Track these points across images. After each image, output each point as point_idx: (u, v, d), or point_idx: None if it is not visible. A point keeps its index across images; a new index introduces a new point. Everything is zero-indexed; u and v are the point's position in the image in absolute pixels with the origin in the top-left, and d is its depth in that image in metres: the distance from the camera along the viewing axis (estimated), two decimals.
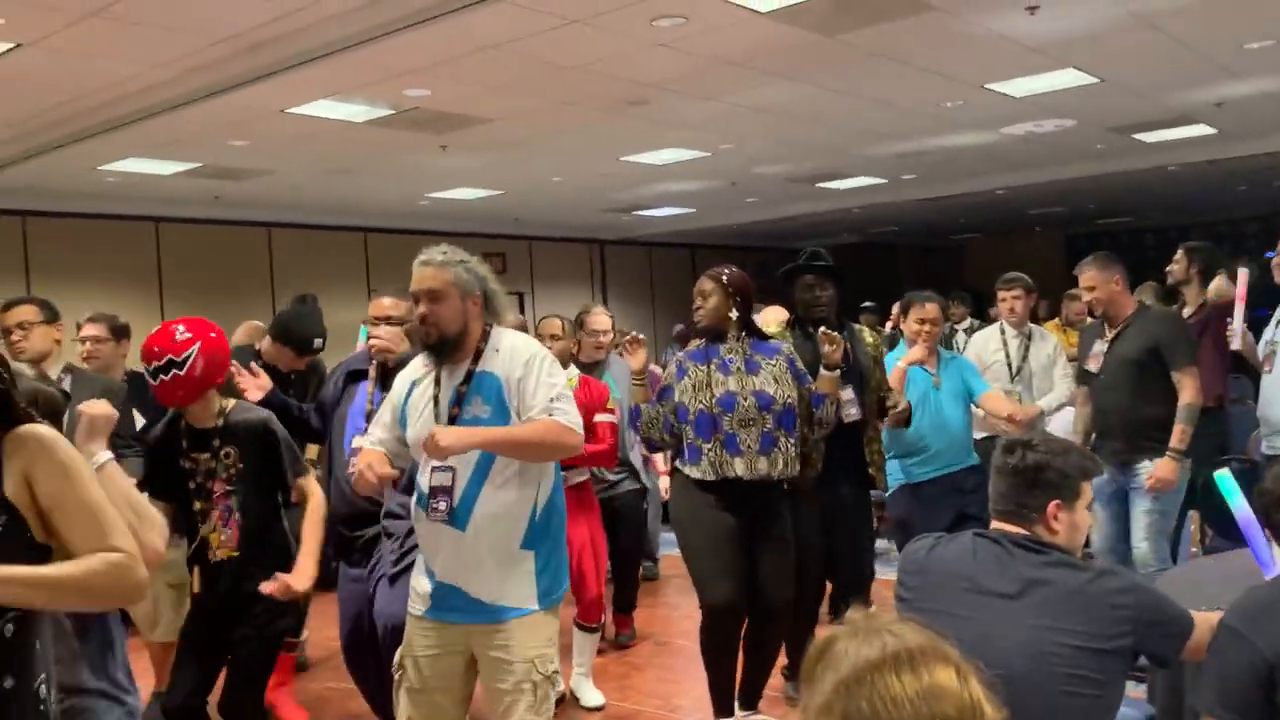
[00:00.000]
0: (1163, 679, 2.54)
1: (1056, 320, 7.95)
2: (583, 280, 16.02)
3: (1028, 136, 9.68)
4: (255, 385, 3.67)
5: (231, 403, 3.24)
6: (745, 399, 3.64)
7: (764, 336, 3.89)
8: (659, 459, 5.79)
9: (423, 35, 5.48)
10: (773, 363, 3.74)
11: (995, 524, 2.28)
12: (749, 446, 3.61)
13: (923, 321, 4.57)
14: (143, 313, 9.54)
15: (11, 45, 5.56)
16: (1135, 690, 2.37)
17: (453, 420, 2.73)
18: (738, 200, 12.97)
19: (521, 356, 2.73)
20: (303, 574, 3.02)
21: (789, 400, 3.69)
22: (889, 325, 6.64)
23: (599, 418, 4.36)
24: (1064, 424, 5.45)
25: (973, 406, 4.65)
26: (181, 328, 3.10)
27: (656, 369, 5.67)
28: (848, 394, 3.95)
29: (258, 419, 3.22)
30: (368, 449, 2.79)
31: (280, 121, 7.45)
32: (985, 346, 5.61)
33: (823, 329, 3.85)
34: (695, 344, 3.85)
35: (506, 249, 14.59)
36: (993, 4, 5.85)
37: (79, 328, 4.64)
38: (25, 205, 9.93)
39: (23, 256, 10.19)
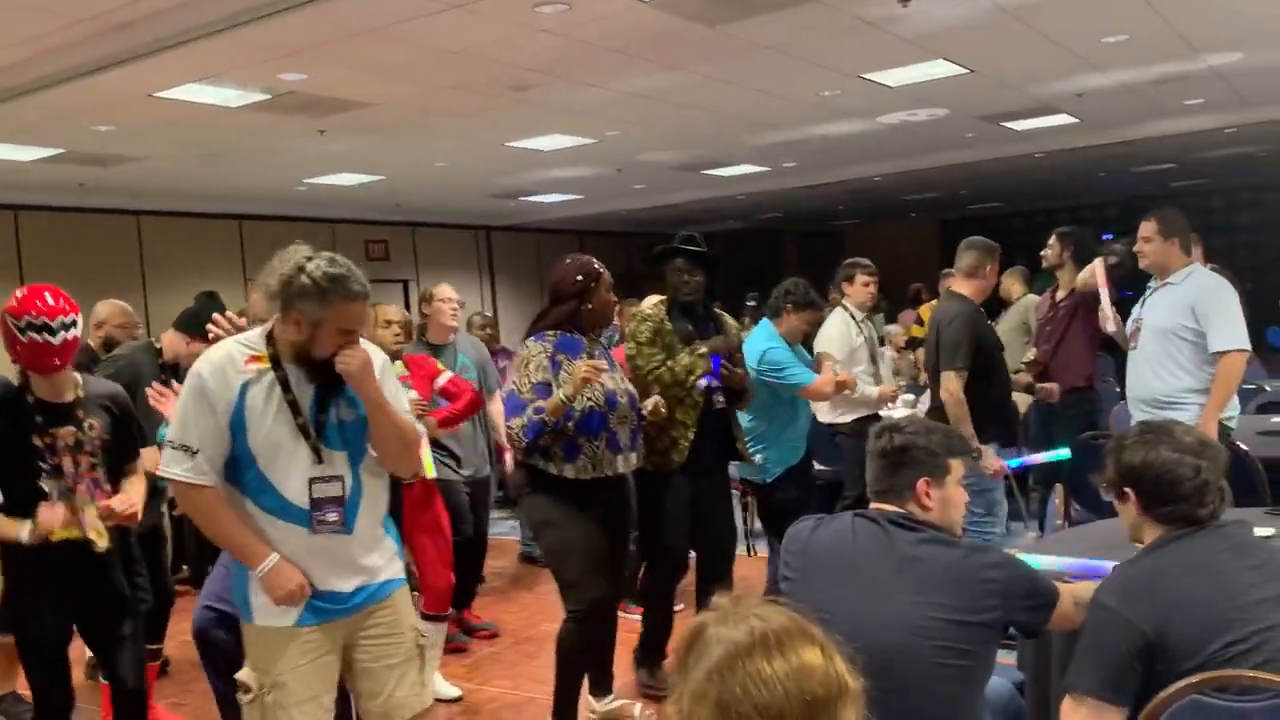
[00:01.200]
0: (1031, 647, 2.67)
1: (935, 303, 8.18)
2: (469, 267, 15.85)
3: (903, 125, 9.96)
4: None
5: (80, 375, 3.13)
6: (622, 396, 3.69)
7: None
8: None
9: (299, 18, 5.34)
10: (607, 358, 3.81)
11: (874, 505, 2.37)
12: (626, 443, 3.67)
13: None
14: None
15: None
16: (1005, 658, 2.49)
17: (320, 426, 2.55)
18: (625, 187, 13.00)
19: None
20: (127, 499, 3.03)
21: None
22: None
23: (441, 379, 4.49)
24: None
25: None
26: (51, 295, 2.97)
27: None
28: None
29: (114, 389, 3.18)
30: (282, 565, 2.50)
31: (149, 105, 7.15)
32: (845, 331, 5.62)
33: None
34: (552, 334, 3.69)
35: (388, 236, 14.35)
36: None
37: None
38: None
39: None
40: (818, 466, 5.38)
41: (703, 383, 3.98)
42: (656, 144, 10.24)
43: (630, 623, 4.36)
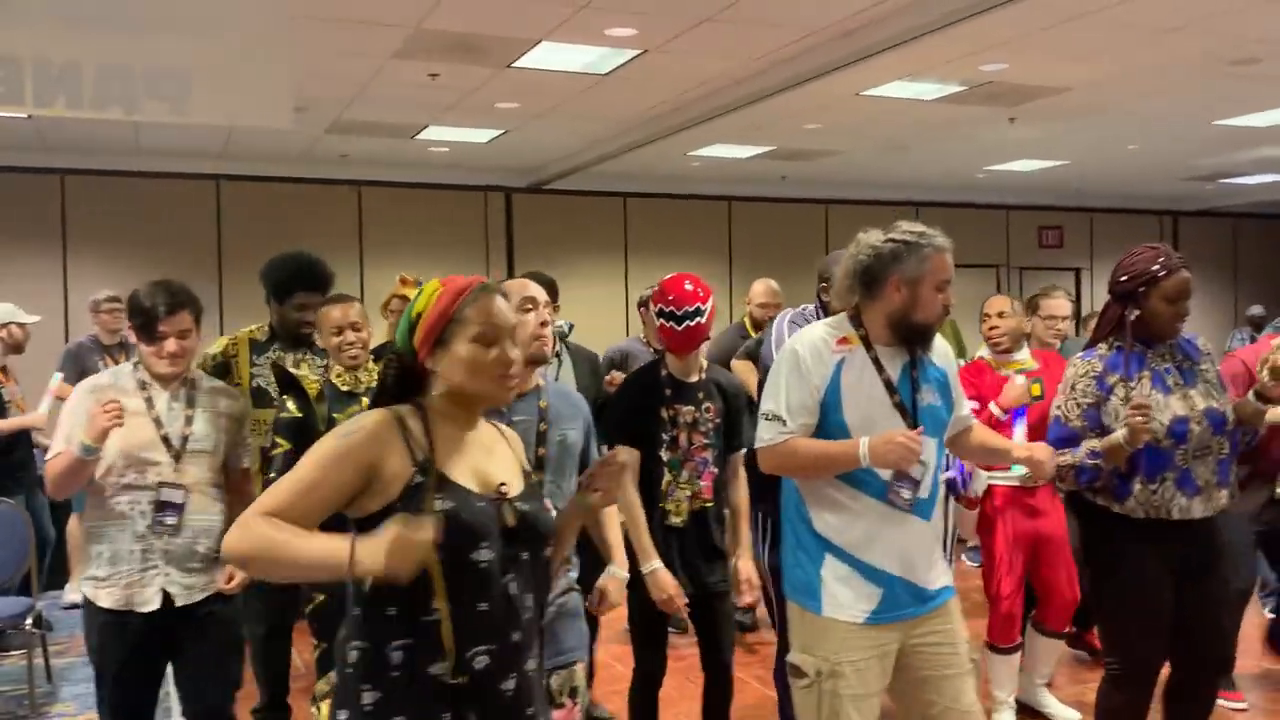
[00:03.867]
0: None
1: None
2: None
3: None
4: None
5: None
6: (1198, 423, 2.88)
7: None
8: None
9: (1010, 11, 5.39)
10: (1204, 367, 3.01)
11: None
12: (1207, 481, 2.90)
13: None
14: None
15: (638, 52, 6.42)
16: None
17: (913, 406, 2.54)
18: None
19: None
20: None
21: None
22: None
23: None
24: None
25: None
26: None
27: None
28: None
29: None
30: (882, 433, 2.40)
31: (855, 104, 7.76)
32: None
33: None
34: (1104, 348, 3.00)
35: (1063, 222, 13.82)
36: None
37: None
38: (624, 188, 11.41)
39: (622, 232, 11.72)
40: None
41: None
42: None
43: None
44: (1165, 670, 3.00)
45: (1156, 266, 2.86)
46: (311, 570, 1.70)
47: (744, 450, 3.19)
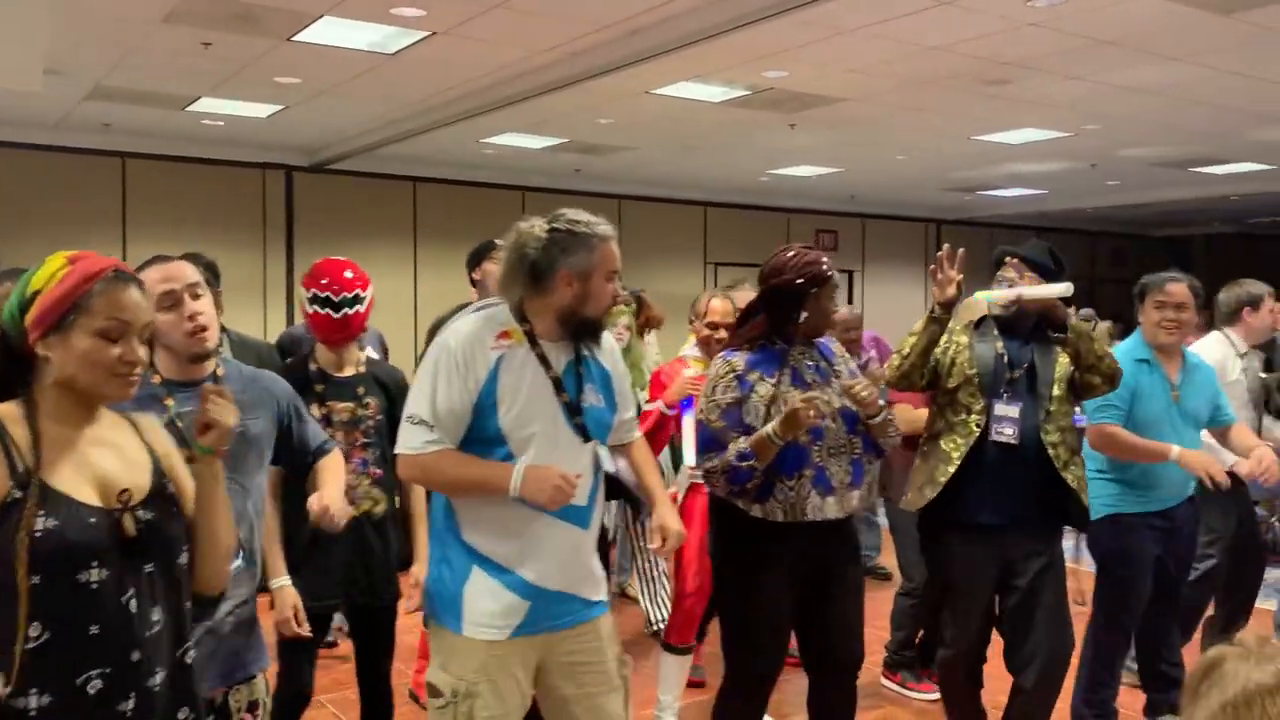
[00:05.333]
0: None
1: None
2: (915, 260, 15.67)
3: None
4: None
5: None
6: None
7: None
8: None
9: (792, 19, 5.62)
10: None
11: None
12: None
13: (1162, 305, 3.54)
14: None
15: (426, 34, 6.28)
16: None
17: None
18: (1096, 184, 12.17)
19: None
20: None
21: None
22: None
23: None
24: None
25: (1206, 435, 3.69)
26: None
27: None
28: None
29: None
30: (534, 466, 2.25)
31: (645, 101, 7.88)
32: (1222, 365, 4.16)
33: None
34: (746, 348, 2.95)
35: (839, 226, 14.58)
36: None
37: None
38: (415, 173, 11.18)
39: (412, 217, 11.48)
40: None
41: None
42: (1141, 139, 9.47)
43: None
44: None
45: (824, 267, 2.89)
46: None
47: None
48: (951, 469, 3.07)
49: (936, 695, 3.82)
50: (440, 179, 11.38)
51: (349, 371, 2.93)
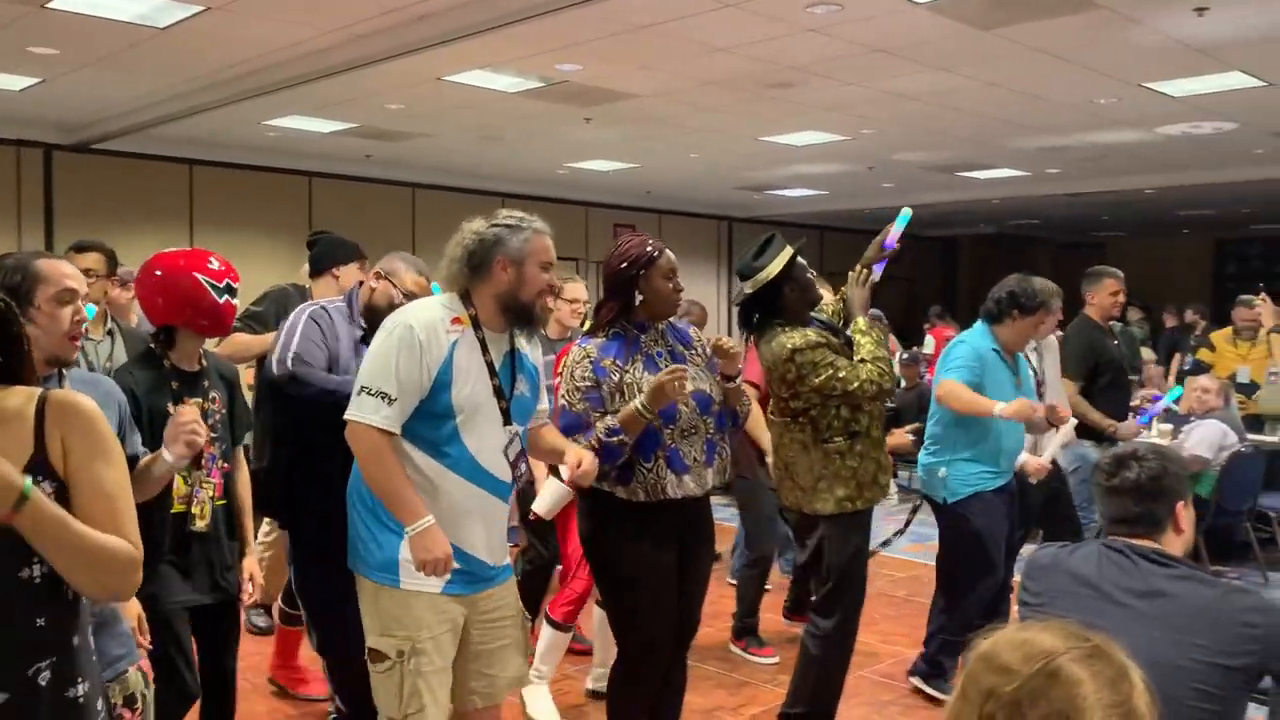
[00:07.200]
0: None
1: (1229, 330, 7.45)
2: (710, 255, 16.10)
3: (1184, 137, 9.34)
4: None
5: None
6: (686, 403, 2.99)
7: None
8: None
9: (582, 13, 5.64)
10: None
11: (1118, 538, 2.32)
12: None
13: None
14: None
15: (200, 9, 5.94)
16: (1256, 714, 2.39)
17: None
18: (873, 185, 12.84)
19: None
20: None
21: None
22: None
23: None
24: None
25: None
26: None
27: None
28: None
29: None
30: (435, 530, 2.49)
31: (437, 88, 7.73)
32: None
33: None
34: (599, 337, 3.06)
35: (636, 221, 14.78)
36: (1161, 4, 5.70)
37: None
38: (191, 155, 10.55)
39: (188, 202, 10.84)
40: None
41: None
42: (912, 144, 10.07)
43: None
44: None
45: (650, 248, 3.00)
46: None
47: (243, 444, 3.00)
48: None
49: (777, 659, 4.44)
50: (219, 162, 10.77)
51: (196, 366, 2.87)
